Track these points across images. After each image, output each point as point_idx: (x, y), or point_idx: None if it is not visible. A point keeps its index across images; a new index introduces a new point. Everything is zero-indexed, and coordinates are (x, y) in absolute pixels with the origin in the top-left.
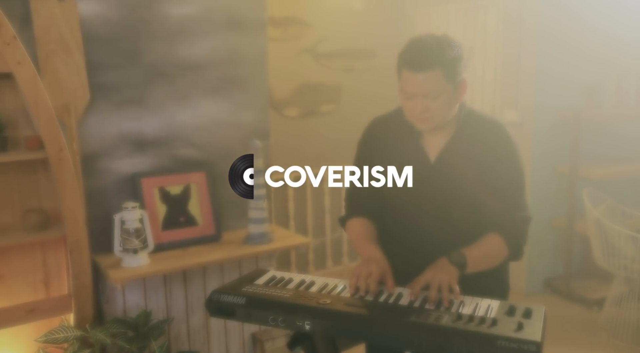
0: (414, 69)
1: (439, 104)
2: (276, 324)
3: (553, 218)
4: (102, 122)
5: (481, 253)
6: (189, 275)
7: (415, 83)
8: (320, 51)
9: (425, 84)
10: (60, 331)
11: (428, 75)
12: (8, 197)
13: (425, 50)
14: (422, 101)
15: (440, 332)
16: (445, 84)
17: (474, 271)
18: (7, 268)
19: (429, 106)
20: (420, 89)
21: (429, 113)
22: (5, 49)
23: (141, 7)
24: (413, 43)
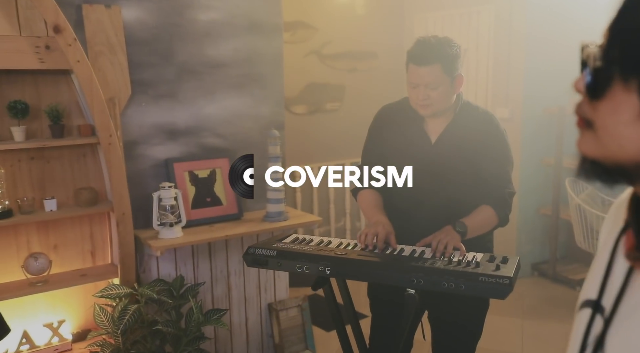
0: (418, 63)
1: (438, 94)
2: (302, 271)
3: (540, 206)
4: (141, 114)
5: (477, 222)
6: (214, 249)
7: (419, 75)
8: (325, 53)
9: (427, 75)
10: (113, 288)
11: (429, 68)
12: (62, 177)
13: (428, 48)
14: (424, 90)
15: (435, 272)
16: (444, 76)
17: (471, 237)
18: (61, 240)
19: (429, 95)
20: (423, 80)
21: (429, 100)
22: (67, 49)
23: (174, 13)
24: (418, 42)
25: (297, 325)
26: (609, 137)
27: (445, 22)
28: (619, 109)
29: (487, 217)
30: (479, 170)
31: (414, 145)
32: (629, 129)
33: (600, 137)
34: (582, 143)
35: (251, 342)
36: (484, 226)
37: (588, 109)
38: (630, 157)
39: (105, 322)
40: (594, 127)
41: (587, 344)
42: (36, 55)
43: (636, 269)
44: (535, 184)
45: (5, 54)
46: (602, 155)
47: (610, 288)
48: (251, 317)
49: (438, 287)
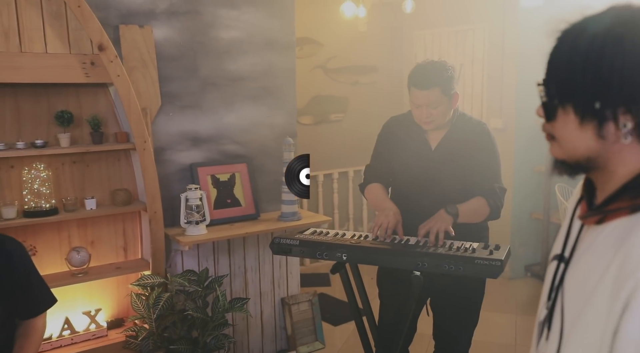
0: (419, 87)
1: (438, 112)
2: (322, 257)
3: (532, 211)
4: (169, 123)
5: (469, 208)
6: (233, 247)
7: (420, 97)
8: (330, 67)
9: (428, 98)
10: (148, 278)
11: (429, 92)
12: (100, 179)
13: (426, 74)
14: (426, 110)
15: (437, 256)
16: (442, 97)
17: (463, 221)
18: (97, 236)
19: (431, 113)
20: (424, 101)
21: (431, 118)
22: (109, 65)
23: (199, 32)
24: (417, 68)
25: (308, 318)
26: (566, 144)
27: (442, 40)
28: (566, 125)
29: (478, 205)
30: (471, 170)
31: (417, 152)
32: (576, 136)
33: (560, 144)
34: (551, 150)
35: (266, 333)
36: (476, 212)
37: (548, 127)
38: (581, 154)
39: (141, 308)
40: (555, 138)
41: (554, 287)
42: (83, 70)
43: (586, 226)
44: (527, 191)
45: (58, 69)
46: (565, 156)
47: (569, 243)
48: (266, 310)
49: (440, 269)
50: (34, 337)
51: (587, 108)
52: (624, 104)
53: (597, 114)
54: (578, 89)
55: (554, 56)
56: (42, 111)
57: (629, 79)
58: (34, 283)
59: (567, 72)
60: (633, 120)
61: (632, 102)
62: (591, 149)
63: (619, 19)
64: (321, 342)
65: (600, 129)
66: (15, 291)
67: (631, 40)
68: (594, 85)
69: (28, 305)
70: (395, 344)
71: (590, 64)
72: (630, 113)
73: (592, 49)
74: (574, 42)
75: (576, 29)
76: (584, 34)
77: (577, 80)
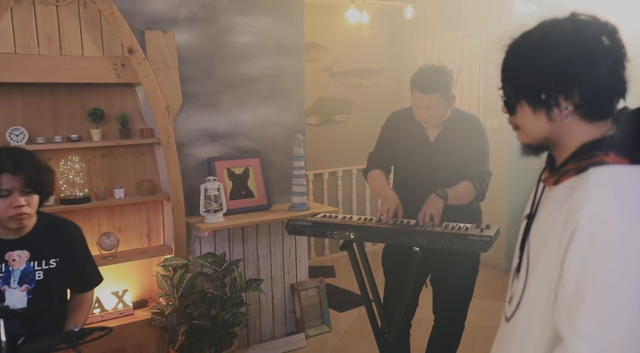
0: (421, 91)
1: (438, 112)
2: (332, 236)
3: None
4: (188, 120)
5: (457, 191)
6: (246, 235)
7: (422, 100)
8: (335, 70)
9: (429, 101)
10: (172, 260)
11: (430, 96)
12: (126, 171)
13: (428, 80)
14: (427, 111)
15: (434, 234)
16: (442, 99)
17: (452, 203)
18: (124, 223)
19: (431, 113)
20: (426, 104)
21: (431, 117)
22: (137, 66)
23: (216, 37)
24: (420, 73)
25: (316, 303)
26: (527, 130)
27: (440, 44)
28: (524, 116)
29: (464, 189)
30: (464, 159)
31: (417, 143)
32: (532, 123)
33: (524, 132)
34: (518, 137)
35: (276, 317)
36: (462, 195)
37: (512, 120)
38: (540, 136)
39: (166, 287)
40: (520, 128)
41: (523, 239)
42: (114, 72)
43: (547, 188)
44: (522, 187)
45: (92, 70)
46: (529, 140)
47: (535, 203)
48: (277, 295)
49: (437, 245)
50: (85, 307)
51: (535, 100)
52: (562, 93)
53: (544, 103)
54: (526, 87)
55: (504, 64)
56: (76, 108)
57: (561, 73)
58: (88, 263)
59: (516, 75)
60: (571, 104)
61: (568, 91)
62: (546, 130)
63: (549, 30)
64: (328, 326)
65: (549, 113)
66: (73, 269)
67: (559, 44)
68: (537, 82)
69: (83, 281)
70: (397, 314)
71: (531, 67)
72: (567, 99)
73: (531, 55)
74: (517, 51)
75: (517, 42)
76: (524, 45)
77: (524, 80)
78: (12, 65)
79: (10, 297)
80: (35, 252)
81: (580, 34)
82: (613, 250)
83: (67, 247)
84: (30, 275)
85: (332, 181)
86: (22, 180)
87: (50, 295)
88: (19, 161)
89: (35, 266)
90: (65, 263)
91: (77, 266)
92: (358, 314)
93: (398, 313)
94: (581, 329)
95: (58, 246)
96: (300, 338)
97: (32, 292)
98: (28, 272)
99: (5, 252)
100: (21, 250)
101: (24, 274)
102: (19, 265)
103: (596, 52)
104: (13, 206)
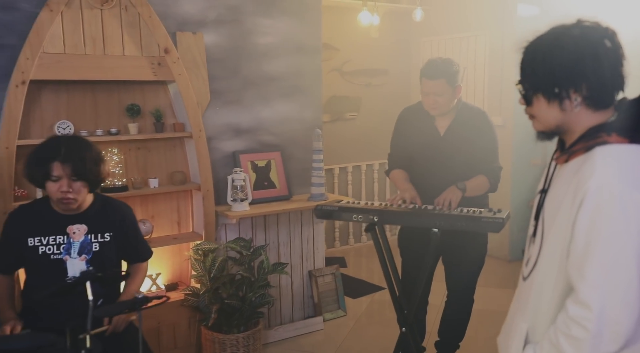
0: (428, 77)
1: (443, 99)
2: (357, 220)
3: (529, 200)
4: (216, 116)
5: (474, 184)
6: (268, 224)
7: (428, 86)
8: (345, 70)
9: (435, 87)
10: (205, 244)
11: (436, 81)
12: (159, 162)
13: (435, 66)
14: (433, 97)
15: (452, 217)
16: (447, 87)
17: (469, 195)
18: (156, 211)
19: (437, 100)
20: (432, 90)
21: (436, 104)
22: (172, 65)
23: (241, 38)
24: (429, 62)
25: (332, 289)
26: (541, 119)
27: (447, 45)
28: (539, 106)
29: (481, 182)
30: (474, 151)
31: (428, 137)
32: (546, 112)
33: (539, 120)
34: (534, 125)
35: (295, 301)
36: (479, 187)
37: (529, 110)
38: (553, 123)
39: (199, 269)
40: (535, 117)
41: (538, 209)
42: (151, 70)
43: (558, 166)
44: (525, 181)
45: (132, 69)
46: (543, 128)
47: (548, 180)
48: (295, 281)
49: (454, 227)
50: (140, 276)
51: (550, 93)
52: (572, 86)
53: (557, 95)
54: (542, 82)
55: (523, 63)
56: (114, 104)
57: (572, 71)
58: (139, 237)
59: (533, 72)
60: (580, 96)
61: (577, 85)
62: (558, 118)
63: (559, 34)
64: (343, 310)
65: (561, 104)
66: (126, 242)
67: (569, 47)
68: (552, 78)
69: (136, 253)
70: (417, 290)
71: (547, 66)
72: (577, 92)
73: (546, 56)
74: (534, 53)
75: (533, 45)
76: (539, 48)
77: (540, 76)
78: (62, 64)
79: (71, 266)
80: (92, 226)
81: (586, 38)
82: (615, 213)
83: (119, 223)
84: (88, 247)
85: (343, 176)
86: (70, 169)
87: (104, 265)
88: (69, 151)
89: (92, 239)
90: (118, 237)
91: (129, 240)
92: (371, 301)
93: (418, 289)
94: (589, 277)
95: (112, 222)
96: (319, 321)
97: (90, 261)
98: (86, 244)
99: (66, 226)
100: (80, 225)
101: (82, 245)
102: (78, 237)
103: (600, 53)
104: (60, 191)
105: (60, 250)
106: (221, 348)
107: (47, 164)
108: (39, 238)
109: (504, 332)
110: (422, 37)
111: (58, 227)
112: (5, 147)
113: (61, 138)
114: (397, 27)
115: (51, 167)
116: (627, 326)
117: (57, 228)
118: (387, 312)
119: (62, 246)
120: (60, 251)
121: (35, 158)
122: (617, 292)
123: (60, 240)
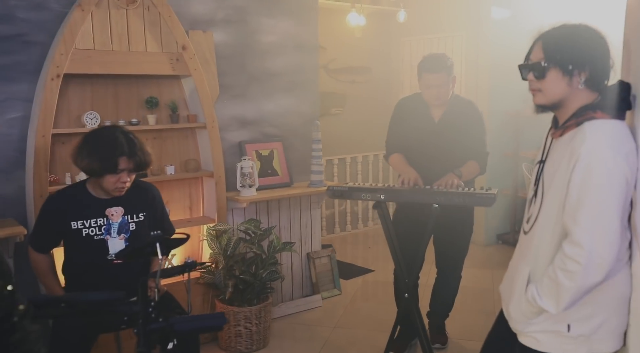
0: (430, 71)
1: (445, 90)
2: (365, 198)
3: (502, 188)
4: (223, 108)
5: (468, 170)
6: (270, 209)
7: (431, 79)
8: (331, 68)
9: (438, 79)
10: (220, 225)
11: (439, 74)
12: (173, 151)
13: (435, 61)
14: (436, 89)
15: (449, 194)
16: (447, 78)
17: (464, 180)
18: (171, 197)
19: (440, 91)
20: (435, 82)
21: (440, 95)
22: (189, 61)
23: (246, 37)
24: (428, 58)
25: (328, 270)
26: (550, 91)
27: (425, 45)
28: (552, 79)
29: (473, 167)
30: (465, 138)
31: (424, 123)
32: (556, 85)
33: (544, 93)
34: (537, 99)
35: (295, 281)
36: (472, 172)
37: (537, 85)
38: (558, 97)
39: (215, 248)
40: (541, 90)
41: (538, 176)
42: (170, 65)
43: (554, 140)
44: (498, 171)
45: (153, 64)
46: (545, 101)
47: (545, 152)
48: (295, 263)
49: (452, 202)
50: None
51: (566, 69)
52: (581, 67)
53: (570, 72)
54: (563, 58)
55: (547, 43)
56: (133, 96)
57: (585, 54)
58: (165, 215)
59: (557, 49)
60: (585, 76)
61: (584, 67)
62: (564, 92)
63: (577, 26)
64: (338, 289)
65: (571, 80)
66: (156, 219)
67: (586, 35)
68: (570, 56)
69: (163, 229)
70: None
71: (568, 46)
72: (584, 71)
73: (570, 37)
74: (558, 35)
75: (557, 30)
76: (563, 32)
77: (563, 53)
78: (92, 59)
79: (112, 244)
80: (127, 207)
81: (596, 33)
82: (602, 172)
83: (150, 203)
84: (125, 227)
85: (329, 169)
86: (134, 163)
87: (141, 241)
88: (132, 146)
89: (128, 219)
90: (150, 216)
91: (157, 217)
92: (362, 281)
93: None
94: (581, 222)
95: (144, 202)
96: (317, 299)
97: (128, 239)
98: (124, 224)
99: (105, 209)
100: (117, 207)
101: (121, 226)
102: (117, 219)
103: (604, 46)
104: (121, 181)
105: (102, 230)
106: (235, 321)
107: (114, 159)
108: (81, 222)
109: (507, 279)
110: (401, 37)
111: (98, 210)
112: (42, 135)
113: (117, 132)
114: (380, 28)
115: (118, 161)
116: (610, 261)
117: (97, 211)
118: (378, 291)
119: (103, 227)
120: (102, 232)
121: (100, 153)
122: (603, 233)
123: (101, 221)
